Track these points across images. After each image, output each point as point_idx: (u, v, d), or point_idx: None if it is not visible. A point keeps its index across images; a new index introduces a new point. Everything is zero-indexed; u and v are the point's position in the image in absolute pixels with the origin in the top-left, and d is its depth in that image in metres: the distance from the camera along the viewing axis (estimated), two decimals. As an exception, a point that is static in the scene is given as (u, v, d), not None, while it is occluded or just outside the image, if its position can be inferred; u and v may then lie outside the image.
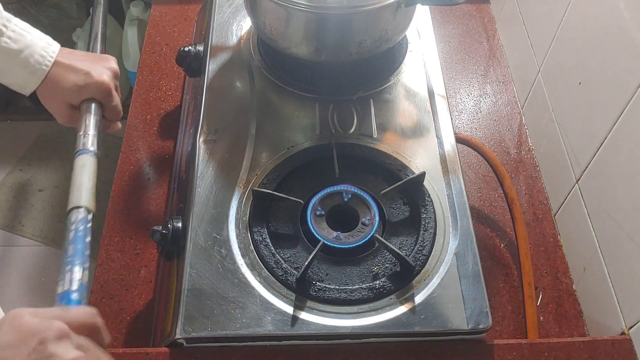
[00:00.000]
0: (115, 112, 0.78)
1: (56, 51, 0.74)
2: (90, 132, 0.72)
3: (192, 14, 1.17)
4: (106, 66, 0.77)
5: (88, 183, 0.67)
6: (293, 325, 0.67)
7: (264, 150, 0.82)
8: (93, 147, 0.71)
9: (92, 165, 0.69)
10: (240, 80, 0.91)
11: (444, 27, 1.18)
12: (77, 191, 0.66)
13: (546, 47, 0.95)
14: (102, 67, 0.76)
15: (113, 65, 0.78)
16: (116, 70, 0.78)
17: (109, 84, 0.75)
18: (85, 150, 0.71)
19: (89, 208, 0.65)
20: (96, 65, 0.76)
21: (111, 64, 0.78)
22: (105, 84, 0.75)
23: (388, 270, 0.72)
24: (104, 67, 0.76)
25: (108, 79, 0.76)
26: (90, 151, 0.71)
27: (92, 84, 0.74)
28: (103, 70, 0.76)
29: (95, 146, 0.72)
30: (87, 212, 0.64)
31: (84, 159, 0.70)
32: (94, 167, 0.70)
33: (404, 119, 0.87)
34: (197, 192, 0.77)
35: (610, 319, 0.75)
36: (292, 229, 0.76)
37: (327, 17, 0.82)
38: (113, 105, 0.77)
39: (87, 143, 0.71)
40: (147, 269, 0.84)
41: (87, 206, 0.65)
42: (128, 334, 0.78)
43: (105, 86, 0.75)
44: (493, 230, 0.90)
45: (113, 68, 0.78)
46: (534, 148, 1.00)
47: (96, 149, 0.72)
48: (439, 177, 0.80)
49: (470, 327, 0.67)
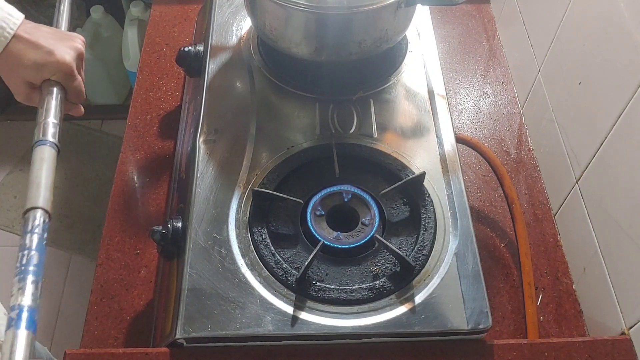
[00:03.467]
0: (77, 94, 0.74)
1: (17, 23, 0.69)
2: (51, 120, 0.68)
3: (192, 14, 1.17)
4: (71, 46, 0.72)
5: (47, 180, 0.62)
6: (293, 325, 0.67)
7: (264, 150, 0.82)
8: (54, 138, 0.67)
9: (52, 160, 0.65)
10: (240, 80, 0.91)
11: (444, 27, 1.18)
12: (36, 189, 0.61)
13: (546, 47, 0.95)
14: (66, 46, 0.72)
15: (78, 45, 0.74)
16: (81, 50, 0.74)
17: (70, 64, 0.71)
18: (44, 140, 0.66)
19: (47, 210, 0.60)
20: (60, 44, 0.71)
21: (77, 43, 0.73)
22: (67, 64, 0.71)
23: (388, 270, 0.72)
24: (68, 47, 0.72)
25: (70, 59, 0.71)
26: (51, 142, 0.66)
27: (52, 62, 0.70)
28: (66, 50, 0.71)
29: (57, 137, 0.67)
30: (46, 215, 0.60)
31: (44, 150, 0.65)
32: (54, 161, 0.65)
33: (404, 119, 0.87)
34: (197, 192, 0.77)
35: (610, 319, 0.75)
36: (292, 229, 0.76)
37: (327, 17, 0.82)
38: (74, 85, 0.73)
39: (47, 132, 0.67)
40: (147, 269, 0.84)
41: (45, 208, 0.60)
42: (128, 334, 0.78)
43: (66, 66, 0.71)
44: (493, 230, 0.90)
45: (78, 48, 0.73)
46: (534, 148, 1.00)
47: (57, 140, 0.67)
48: (439, 177, 0.80)
49: (470, 327, 0.67)
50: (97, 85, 2.09)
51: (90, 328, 0.78)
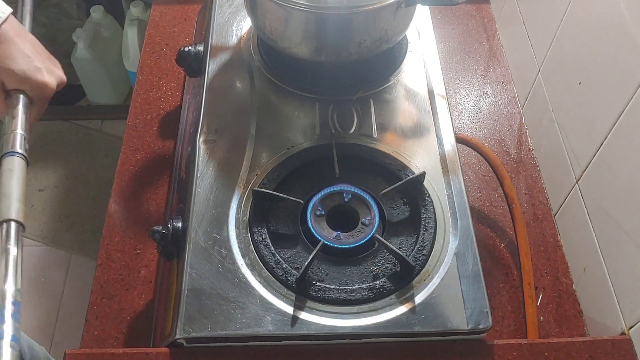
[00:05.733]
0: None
1: (3, 17, 0.67)
2: (19, 131, 0.67)
3: (192, 14, 1.17)
4: (59, 74, 0.73)
5: (18, 191, 0.62)
6: (293, 325, 0.67)
7: (264, 150, 0.82)
8: (22, 150, 0.66)
9: (21, 171, 0.65)
10: (240, 80, 0.91)
11: (444, 27, 1.18)
12: (7, 200, 0.61)
13: (546, 47, 0.95)
14: (53, 71, 0.72)
15: (62, 76, 0.74)
16: (64, 82, 0.74)
17: (52, 90, 0.71)
18: (13, 152, 0.65)
19: (20, 222, 0.60)
20: (49, 66, 0.72)
21: (62, 73, 0.74)
22: (50, 88, 0.71)
23: (388, 270, 0.72)
24: (55, 74, 0.72)
25: (53, 86, 0.72)
26: (19, 153, 0.66)
27: (38, 81, 0.70)
28: (54, 75, 0.72)
29: (24, 149, 0.67)
30: (18, 226, 0.60)
31: (13, 161, 0.65)
32: (24, 172, 0.65)
33: (404, 119, 0.87)
34: (197, 192, 0.77)
35: (610, 319, 0.75)
36: (292, 229, 0.76)
37: (327, 17, 0.82)
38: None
39: (16, 144, 0.66)
40: (147, 269, 0.84)
41: (19, 219, 0.60)
42: (128, 334, 0.78)
43: (48, 90, 0.71)
44: (493, 230, 0.90)
45: (62, 79, 0.74)
46: (534, 148, 1.00)
47: (25, 152, 0.67)
48: (439, 177, 0.80)
49: (470, 327, 0.67)
50: (97, 85, 2.09)
51: (90, 328, 0.78)
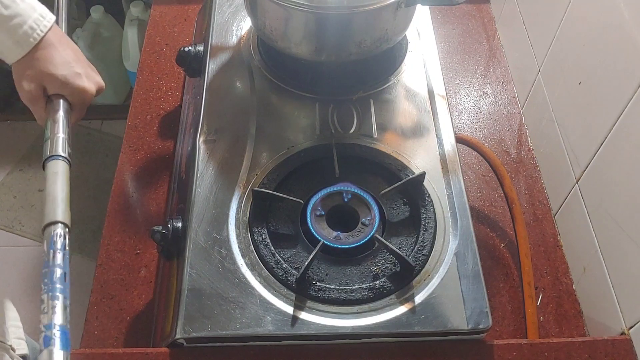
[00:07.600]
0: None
1: (48, 26, 0.70)
2: (62, 135, 0.69)
3: (192, 14, 1.17)
4: (98, 80, 0.75)
5: (63, 193, 0.64)
6: (293, 325, 0.67)
7: (264, 150, 0.82)
8: (65, 153, 0.68)
9: (65, 173, 0.66)
10: (240, 80, 0.91)
11: (444, 27, 1.18)
12: (53, 203, 0.62)
13: (546, 47, 0.95)
14: (94, 78, 0.74)
15: (101, 82, 0.76)
16: (103, 87, 0.76)
17: (91, 96, 0.74)
18: (57, 155, 0.67)
19: (66, 223, 0.62)
20: (90, 72, 0.74)
21: (100, 79, 0.76)
22: (90, 94, 0.73)
23: (388, 270, 0.72)
24: (96, 81, 0.74)
25: (93, 92, 0.74)
26: (63, 156, 0.68)
27: (79, 86, 0.72)
28: (93, 82, 0.74)
29: (67, 152, 0.68)
30: (65, 228, 0.61)
31: (57, 164, 0.67)
32: (67, 174, 0.67)
33: (404, 119, 0.87)
34: (197, 192, 0.77)
35: (610, 319, 0.75)
36: (292, 229, 0.76)
37: (327, 17, 0.82)
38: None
39: (59, 148, 0.68)
40: (147, 269, 0.84)
41: (65, 221, 0.61)
42: (128, 334, 0.78)
43: (88, 96, 0.73)
44: (493, 230, 0.90)
45: (101, 85, 0.76)
46: (534, 148, 1.00)
47: (67, 154, 0.68)
48: (439, 177, 0.80)
49: (470, 327, 0.67)
50: (97, 85, 2.09)
51: (90, 328, 0.78)
